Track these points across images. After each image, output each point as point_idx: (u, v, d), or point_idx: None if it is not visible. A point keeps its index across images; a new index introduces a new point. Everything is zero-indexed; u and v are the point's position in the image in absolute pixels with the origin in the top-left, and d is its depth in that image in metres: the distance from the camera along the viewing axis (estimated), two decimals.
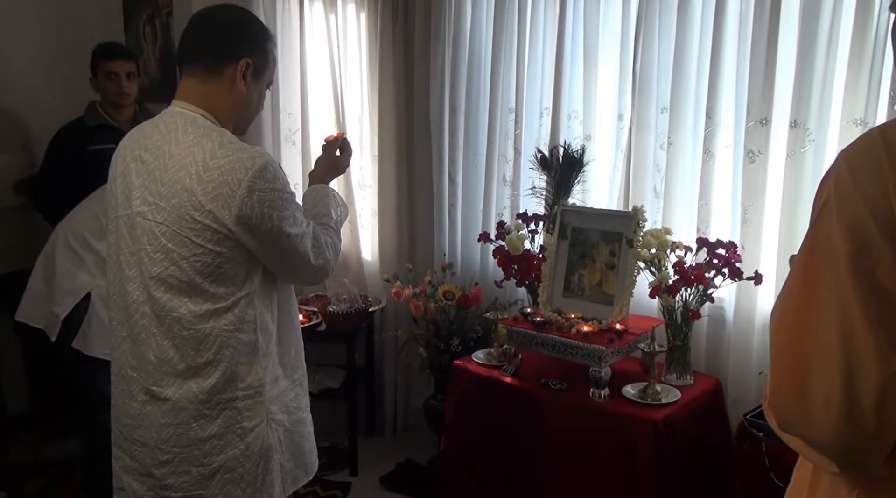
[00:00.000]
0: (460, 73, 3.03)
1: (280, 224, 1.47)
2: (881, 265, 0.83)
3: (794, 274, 0.93)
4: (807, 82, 2.16)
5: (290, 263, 1.55)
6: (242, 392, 1.54)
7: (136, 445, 1.56)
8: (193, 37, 1.55)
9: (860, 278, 0.83)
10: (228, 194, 1.42)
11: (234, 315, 1.50)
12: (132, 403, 1.55)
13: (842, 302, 0.85)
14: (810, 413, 0.87)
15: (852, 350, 0.84)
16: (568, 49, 2.72)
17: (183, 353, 1.50)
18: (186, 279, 1.47)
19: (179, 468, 1.53)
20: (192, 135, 1.46)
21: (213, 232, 1.44)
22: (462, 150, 3.10)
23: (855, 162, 0.88)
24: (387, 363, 3.44)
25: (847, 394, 0.84)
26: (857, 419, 0.84)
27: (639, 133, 2.59)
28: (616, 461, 2.14)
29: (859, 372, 0.83)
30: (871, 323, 0.83)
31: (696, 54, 2.43)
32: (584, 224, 2.49)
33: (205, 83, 1.53)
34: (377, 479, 3.08)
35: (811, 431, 0.88)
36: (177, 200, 1.44)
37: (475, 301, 2.90)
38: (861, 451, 0.86)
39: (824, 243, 0.88)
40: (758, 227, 2.32)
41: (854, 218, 0.85)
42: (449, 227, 3.17)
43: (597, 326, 2.30)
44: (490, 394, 2.46)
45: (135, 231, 1.50)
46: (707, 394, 2.31)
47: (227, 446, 1.53)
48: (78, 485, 2.99)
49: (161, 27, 3.52)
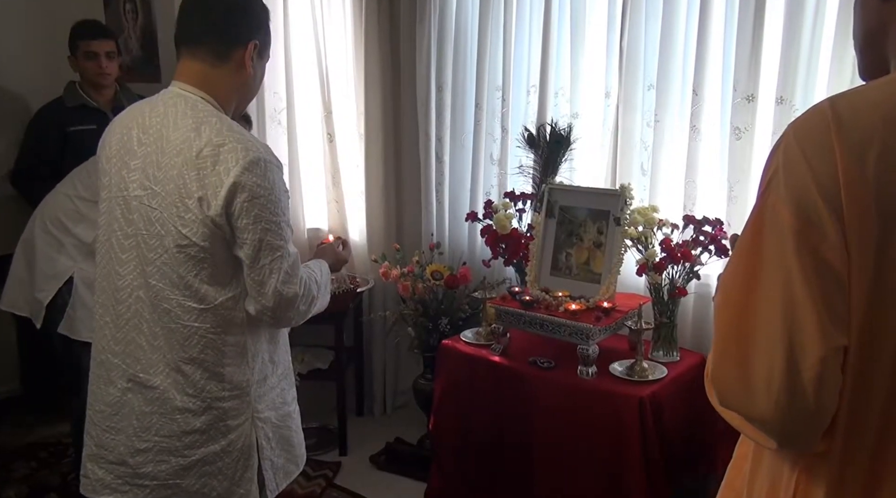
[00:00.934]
0: (447, 51, 3.01)
1: (260, 223, 1.41)
2: (826, 240, 0.81)
3: (739, 247, 0.91)
4: (793, 59, 2.16)
5: (258, 271, 1.44)
6: (228, 393, 1.51)
7: (108, 433, 1.53)
8: (198, 18, 1.50)
9: (804, 253, 0.82)
10: (216, 184, 1.39)
11: (220, 317, 1.48)
12: (110, 389, 1.52)
13: (786, 276, 0.83)
14: (751, 389, 0.86)
15: (795, 326, 0.82)
16: (555, 26, 2.71)
17: (171, 344, 1.47)
18: (175, 272, 1.44)
19: (158, 457, 1.51)
20: (191, 120, 1.43)
21: (199, 224, 1.41)
22: (449, 129, 3.08)
23: (803, 134, 0.85)
24: (375, 343, 3.44)
25: (788, 370, 0.82)
26: (797, 395, 0.82)
27: (626, 110, 2.58)
28: (604, 438, 2.16)
29: (801, 348, 0.82)
30: (813, 298, 0.81)
31: (682, 31, 2.42)
32: (571, 202, 2.48)
33: (211, 67, 1.49)
34: (367, 458, 3.09)
35: (751, 407, 0.86)
36: (171, 186, 1.42)
37: (463, 281, 2.90)
38: (800, 427, 0.85)
39: (770, 216, 0.86)
40: (744, 204, 2.32)
41: (801, 191, 0.83)
42: (436, 206, 3.16)
43: (584, 304, 2.31)
44: (478, 373, 2.47)
45: (131, 214, 1.47)
46: (693, 370, 2.33)
47: (208, 442, 1.51)
48: (69, 467, 2.99)
49: (142, 4, 3.45)
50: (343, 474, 3.00)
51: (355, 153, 3.35)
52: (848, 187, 0.81)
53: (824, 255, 0.81)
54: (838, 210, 0.81)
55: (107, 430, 1.53)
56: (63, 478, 2.97)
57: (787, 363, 0.82)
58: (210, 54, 1.48)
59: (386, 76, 3.22)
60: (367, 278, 3.32)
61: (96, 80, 2.89)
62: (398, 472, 3.00)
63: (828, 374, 0.82)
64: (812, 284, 0.81)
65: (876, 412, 0.85)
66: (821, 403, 0.83)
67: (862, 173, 0.81)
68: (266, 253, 1.43)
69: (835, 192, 0.81)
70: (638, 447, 2.09)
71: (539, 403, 2.29)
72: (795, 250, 0.82)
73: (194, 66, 1.49)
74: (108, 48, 2.88)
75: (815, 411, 0.84)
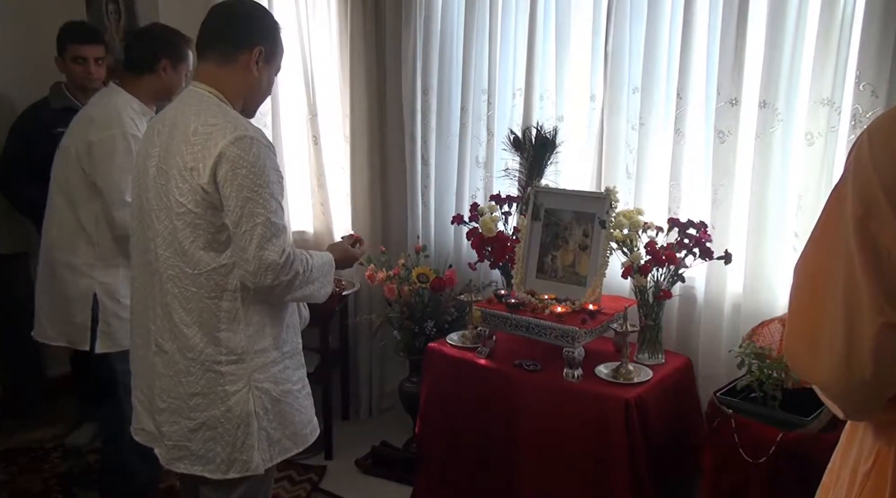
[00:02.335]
0: (432, 53, 3.01)
1: (242, 192, 1.54)
2: (885, 228, 0.90)
3: (814, 232, 1.01)
4: (775, 63, 2.18)
5: (240, 236, 1.56)
6: (225, 357, 1.64)
7: (149, 391, 1.73)
8: (212, 25, 1.70)
9: (865, 238, 0.91)
10: (206, 155, 1.55)
11: (214, 283, 1.61)
12: (147, 353, 1.72)
13: (848, 258, 0.93)
14: (817, 360, 0.96)
15: (854, 303, 0.92)
16: (540, 30, 2.71)
17: (173, 309, 1.64)
18: (176, 239, 1.61)
19: (172, 418, 1.68)
20: (196, 107, 1.63)
21: (192, 191, 1.57)
22: (435, 132, 3.08)
23: (876, 132, 0.94)
24: (361, 346, 3.43)
25: (848, 342, 0.92)
26: (855, 366, 0.92)
27: (611, 114, 2.59)
28: (589, 440, 2.16)
29: (859, 323, 0.91)
30: (870, 277, 0.90)
31: (666, 35, 2.44)
32: (557, 205, 2.49)
33: (220, 67, 1.68)
34: (352, 462, 3.08)
35: (816, 374, 0.98)
36: (173, 162, 1.60)
37: (449, 283, 2.90)
38: (861, 396, 0.95)
39: (839, 205, 0.96)
40: (728, 207, 2.34)
41: (865, 184, 0.92)
42: (422, 209, 3.15)
43: (570, 307, 2.31)
44: (464, 376, 2.46)
45: (149, 194, 1.67)
46: (678, 372, 2.35)
47: (209, 406, 1.65)
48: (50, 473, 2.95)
49: (125, 5, 3.43)
50: (328, 478, 2.99)
51: (340, 156, 3.35)
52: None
53: (882, 240, 0.90)
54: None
55: (147, 388, 1.74)
56: (44, 483, 2.93)
57: (847, 336, 0.92)
58: (219, 56, 1.68)
59: (371, 79, 3.21)
60: (352, 281, 3.31)
61: (84, 84, 2.87)
62: (384, 475, 2.99)
63: (883, 346, 0.90)
64: (870, 265, 0.91)
65: None
66: (878, 374, 0.91)
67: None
68: (247, 219, 1.55)
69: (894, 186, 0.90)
70: (624, 449, 2.10)
71: (525, 405, 2.29)
72: (857, 236, 0.92)
73: (208, 67, 1.69)
74: (98, 54, 2.86)
75: (873, 381, 0.92)
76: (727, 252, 2.27)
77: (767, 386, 1.99)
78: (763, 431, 1.93)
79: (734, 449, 1.96)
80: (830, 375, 0.95)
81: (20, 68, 3.35)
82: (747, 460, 1.92)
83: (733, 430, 1.97)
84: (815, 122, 2.14)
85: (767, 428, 1.93)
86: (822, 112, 2.11)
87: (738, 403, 2.04)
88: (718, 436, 2.03)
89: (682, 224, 2.30)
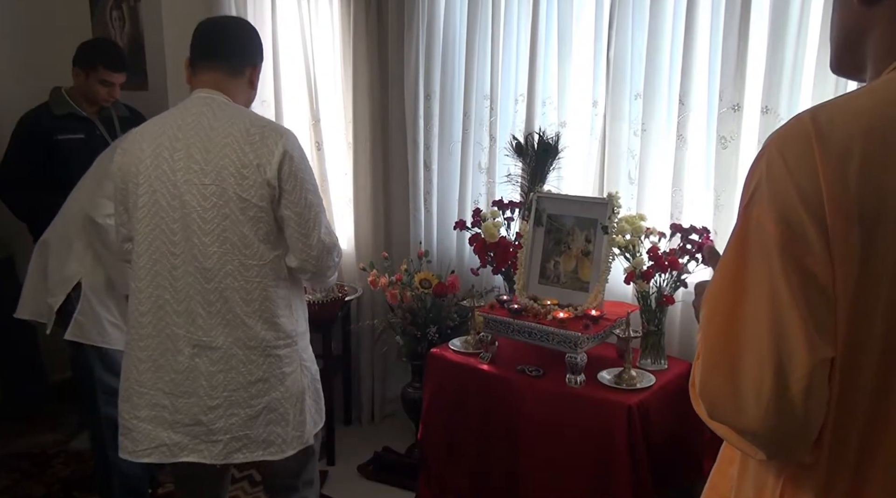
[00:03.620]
0: (435, 59, 3.02)
1: (304, 185, 1.73)
2: (810, 252, 0.81)
3: (724, 260, 0.90)
4: (777, 69, 2.18)
5: (304, 225, 1.73)
6: (282, 341, 1.78)
7: (181, 397, 1.75)
8: (219, 40, 1.83)
9: (790, 265, 0.82)
10: (269, 152, 1.69)
11: (273, 271, 1.75)
12: (179, 357, 1.74)
13: (772, 289, 0.83)
14: (740, 401, 0.85)
15: (782, 338, 0.82)
16: (542, 36, 2.72)
17: (234, 303, 1.71)
18: (237, 233, 1.70)
19: (229, 411, 1.74)
20: (228, 111, 1.75)
21: (258, 187, 1.68)
22: (437, 138, 3.09)
23: (785, 146, 0.84)
24: (363, 352, 3.43)
25: (777, 382, 0.82)
26: (786, 407, 0.82)
27: (613, 119, 2.59)
28: (592, 446, 2.16)
29: (789, 360, 0.82)
30: (800, 311, 0.81)
31: (668, 41, 2.44)
32: (559, 211, 2.49)
33: (230, 78, 1.81)
34: (355, 467, 3.08)
35: (740, 419, 0.86)
36: (226, 161, 1.68)
37: (451, 289, 2.90)
38: (789, 439, 0.85)
39: (755, 228, 0.86)
40: (730, 212, 2.34)
41: (785, 203, 0.82)
42: (425, 214, 3.16)
43: (572, 312, 2.31)
44: (467, 381, 2.46)
45: (181, 197, 1.70)
46: (681, 378, 2.34)
47: (270, 390, 1.76)
48: (53, 478, 2.95)
49: (129, 12, 3.44)
50: (331, 484, 2.98)
51: (343, 161, 3.35)
52: (830, 199, 0.80)
53: (809, 267, 0.81)
54: (822, 222, 0.81)
55: (180, 395, 1.75)
56: (48, 488, 2.93)
57: (776, 376, 0.82)
58: (228, 68, 1.81)
59: (374, 85, 3.22)
60: (355, 286, 3.31)
61: (101, 103, 2.90)
62: (386, 481, 2.99)
63: (816, 385, 0.82)
64: (798, 296, 0.81)
65: (860, 423, 0.85)
66: (809, 415, 0.83)
67: (844, 185, 0.80)
68: (310, 209, 1.74)
69: (818, 205, 0.81)
70: (626, 455, 2.10)
71: (527, 411, 2.29)
72: (780, 263, 0.82)
73: (216, 76, 1.80)
74: (123, 80, 2.91)
75: (804, 423, 0.83)
76: None
77: None
78: None
79: None
80: (758, 420, 0.84)
81: (22, 77, 3.36)
82: None
83: None
84: None
85: None
86: None
87: None
88: (720, 443, 2.02)
89: (685, 230, 2.30)
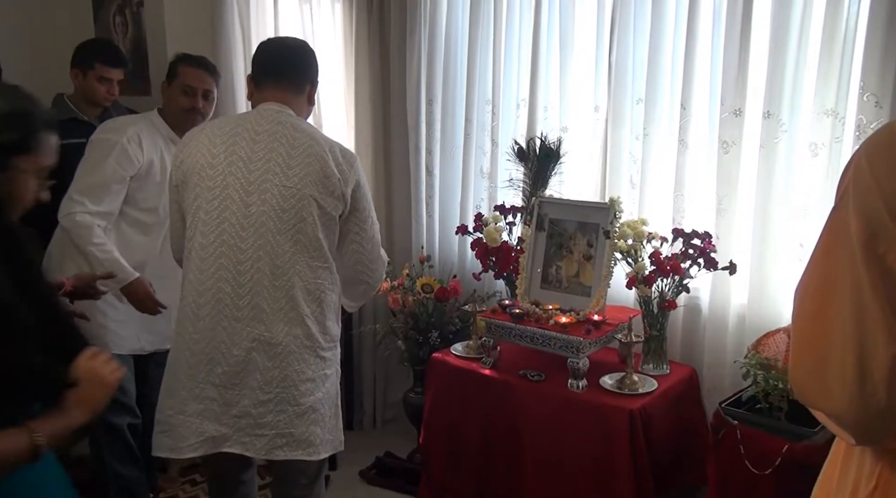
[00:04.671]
0: (437, 65, 3.02)
1: (369, 205, 1.92)
2: (892, 250, 0.89)
3: (814, 257, 0.99)
4: (779, 74, 2.18)
5: (364, 237, 1.90)
6: (330, 344, 1.88)
7: (232, 390, 1.80)
8: (286, 60, 1.95)
9: (872, 261, 0.90)
10: (348, 168, 1.85)
11: (332, 276, 1.87)
12: (234, 350, 1.79)
13: (856, 283, 0.91)
14: (827, 387, 0.93)
15: (865, 328, 0.89)
16: (544, 41, 2.73)
17: (298, 302, 1.79)
18: (309, 237, 1.80)
19: (278, 408, 1.80)
20: (304, 126, 1.88)
21: (335, 198, 1.81)
22: (439, 143, 3.09)
23: (873, 154, 0.93)
24: (365, 357, 3.43)
25: (860, 369, 0.89)
26: (868, 393, 0.89)
27: (614, 124, 2.60)
28: (594, 451, 2.16)
29: (871, 349, 0.89)
30: (881, 303, 0.89)
31: (670, 46, 2.44)
32: (561, 215, 2.49)
33: (295, 96, 1.93)
34: (356, 472, 3.07)
35: (828, 403, 0.95)
36: (310, 169, 1.80)
37: (453, 294, 2.89)
38: (873, 423, 0.92)
39: (842, 228, 0.94)
40: (732, 217, 2.34)
41: (869, 206, 0.91)
42: (426, 219, 3.16)
43: (574, 317, 2.31)
44: (469, 386, 2.46)
45: (252, 197, 1.79)
46: (683, 383, 2.34)
47: (315, 390, 1.84)
48: None
49: (132, 17, 3.45)
50: (333, 488, 2.98)
51: None
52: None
53: (889, 263, 0.89)
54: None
55: (230, 387, 1.80)
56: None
57: (859, 364, 0.90)
58: (292, 86, 1.93)
59: (376, 90, 3.23)
60: None
61: (101, 102, 2.90)
62: (388, 486, 2.98)
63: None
64: (879, 289, 0.89)
65: None
66: (892, 401, 0.89)
67: None
68: (372, 224, 1.93)
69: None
70: (628, 460, 2.09)
71: (529, 416, 2.29)
72: (864, 259, 0.90)
73: (284, 93, 1.91)
74: (121, 76, 2.90)
75: (887, 408, 0.90)
76: (732, 262, 2.27)
77: (773, 397, 1.99)
78: (769, 443, 1.92)
79: (739, 460, 1.95)
80: (843, 404, 0.92)
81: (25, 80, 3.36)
82: (753, 472, 1.91)
83: (738, 441, 1.96)
84: (819, 132, 2.14)
85: (773, 439, 1.92)
86: (826, 123, 2.11)
87: (743, 414, 2.03)
88: (723, 447, 2.02)
89: (687, 234, 2.30)
